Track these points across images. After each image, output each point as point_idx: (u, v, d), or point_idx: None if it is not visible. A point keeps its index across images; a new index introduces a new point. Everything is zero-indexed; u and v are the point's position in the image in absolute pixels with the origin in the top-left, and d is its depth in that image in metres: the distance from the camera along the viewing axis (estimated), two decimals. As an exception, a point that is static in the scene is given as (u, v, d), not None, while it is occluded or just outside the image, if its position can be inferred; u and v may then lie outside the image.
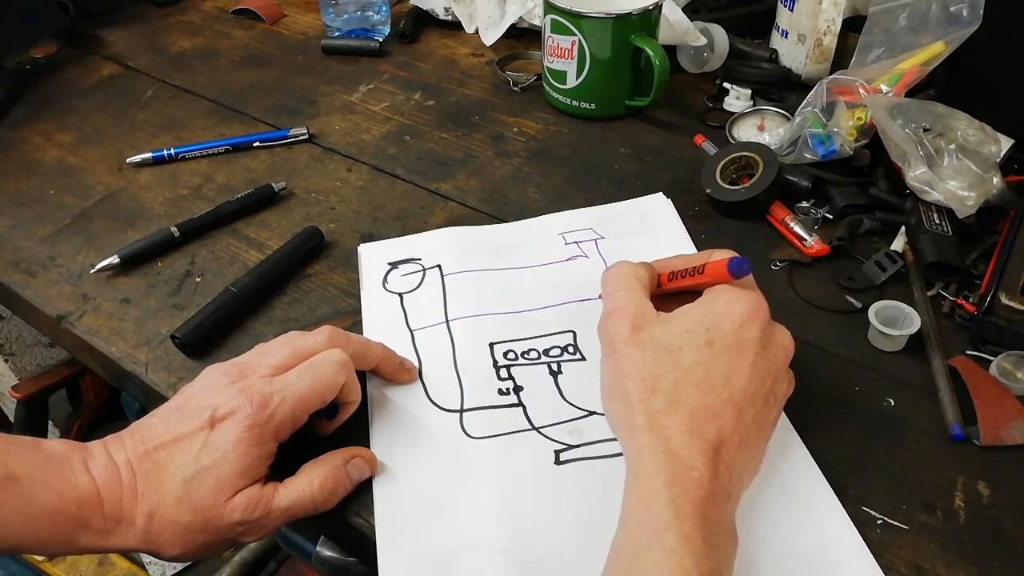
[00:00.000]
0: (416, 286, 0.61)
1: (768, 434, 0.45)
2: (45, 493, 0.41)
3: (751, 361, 0.43)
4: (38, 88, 0.89)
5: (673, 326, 0.44)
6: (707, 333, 0.44)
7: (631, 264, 0.49)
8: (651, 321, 0.45)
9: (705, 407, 0.41)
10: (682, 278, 0.48)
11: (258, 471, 0.44)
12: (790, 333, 0.46)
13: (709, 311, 0.45)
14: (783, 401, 0.47)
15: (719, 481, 0.40)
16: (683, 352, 0.43)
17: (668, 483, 0.39)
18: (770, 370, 0.44)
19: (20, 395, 1.20)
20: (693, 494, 0.39)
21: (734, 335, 0.43)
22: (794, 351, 0.46)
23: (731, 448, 0.41)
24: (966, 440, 0.49)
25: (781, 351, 0.45)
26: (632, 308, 0.46)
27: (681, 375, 0.42)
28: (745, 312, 0.44)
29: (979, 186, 0.61)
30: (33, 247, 0.68)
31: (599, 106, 0.79)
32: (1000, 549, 0.44)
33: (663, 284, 0.50)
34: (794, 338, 0.56)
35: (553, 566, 0.43)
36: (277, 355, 0.47)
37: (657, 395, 0.42)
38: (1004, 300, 0.55)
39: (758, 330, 0.44)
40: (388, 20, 0.95)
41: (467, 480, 0.47)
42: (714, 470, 0.40)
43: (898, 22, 0.69)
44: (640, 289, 0.47)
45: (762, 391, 0.43)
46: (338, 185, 0.73)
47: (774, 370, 0.44)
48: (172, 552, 0.43)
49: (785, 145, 0.69)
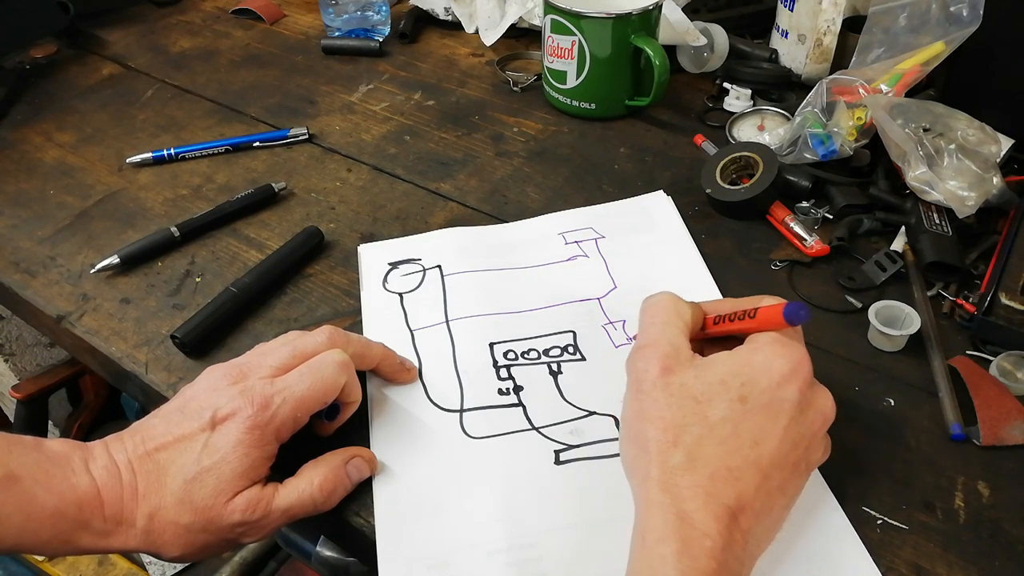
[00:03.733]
0: (416, 286, 0.61)
1: (793, 502, 0.41)
2: (46, 493, 0.41)
3: (785, 425, 0.39)
4: (38, 88, 0.89)
5: (706, 374, 0.41)
6: (741, 388, 0.40)
7: (674, 297, 0.45)
8: (684, 364, 0.41)
9: (728, 468, 0.38)
10: (730, 322, 0.44)
11: (259, 472, 0.44)
12: (832, 397, 0.42)
13: (746, 363, 0.41)
14: (814, 468, 0.43)
15: (733, 550, 0.37)
16: (712, 405, 0.39)
17: (678, 552, 0.36)
18: (804, 436, 0.40)
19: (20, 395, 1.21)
20: (704, 565, 0.36)
21: (770, 394, 0.40)
22: (834, 416, 0.42)
23: (750, 515, 0.38)
24: (966, 440, 0.49)
25: (819, 416, 0.41)
26: (666, 346, 0.42)
27: (706, 430, 0.39)
28: (785, 370, 0.40)
29: (979, 186, 0.61)
30: (33, 247, 0.68)
31: (599, 106, 0.79)
32: (1000, 549, 0.44)
33: (708, 327, 0.45)
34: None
35: (553, 566, 0.43)
36: (277, 356, 0.47)
37: (677, 448, 0.39)
38: (1004, 300, 0.55)
39: (797, 391, 0.40)
40: (388, 20, 0.95)
41: (467, 480, 0.47)
42: (729, 538, 0.37)
43: (898, 22, 0.69)
44: (680, 326, 0.43)
45: (792, 458, 0.40)
46: (338, 185, 0.73)
47: (809, 436, 0.41)
48: (173, 553, 0.43)
49: (785, 145, 0.69)
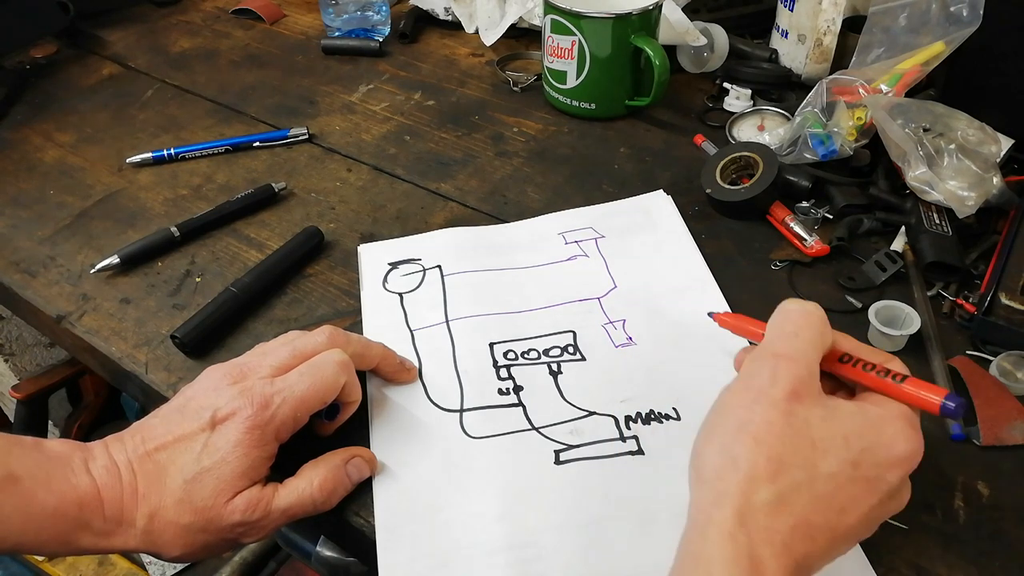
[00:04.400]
0: (416, 286, 0.61)
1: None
2: (46, 494, 0.41)
3: (874, 504, 0.38)
4: (38, 88, 0.89)
5: (833, 423, 0.38)
6: (861, 453, 0.38)
7: (824, 316, 0.41)
8: (814, 398, 0.38)
9: (810, 525, 0.36)
10: (863, 371, 0.41)
11: (259, 472, 0.44)
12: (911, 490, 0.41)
13: (876, 430, 0.38)
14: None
15: None
16: (827, 457, 0.37)
17: None
18: (878, 519, 0.39)
19: (20, 395, 1.20)
20: None
21: (879, 470, 0.38)
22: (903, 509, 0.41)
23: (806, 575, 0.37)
24: (966, 440, 0.49)
25: (896, 506, 0.40)
26: (804, 369, 0.39)
27: (809, 479, 0.37)
28: (905, 454, 0.38)
29: (979, 186, 0.61)
30: (33, 247, 0.68)
31: (599, 106, 0.79)
32: (1000, 549, 0.44)
33: (835, 365, 0.42)
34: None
35: (553, 566, 0.43)
36: (277, 355, 0.47)
37: (773, 484, 0.36)
38: (1004, 300, 0.55)
39: (899, 479, 0.38)
40: (388, 20, 0.95)
41: (467, 480, 0.47)
42: None
43: (898, 22, 0.69)
44: (821, 350, 0.41)
45: (858, 533, 0.39)
46: (338, 185, 0.73)
47: (880, 519, 0.40)
48: (173, 553, 0.43)
49: (785, 145, 0.69)
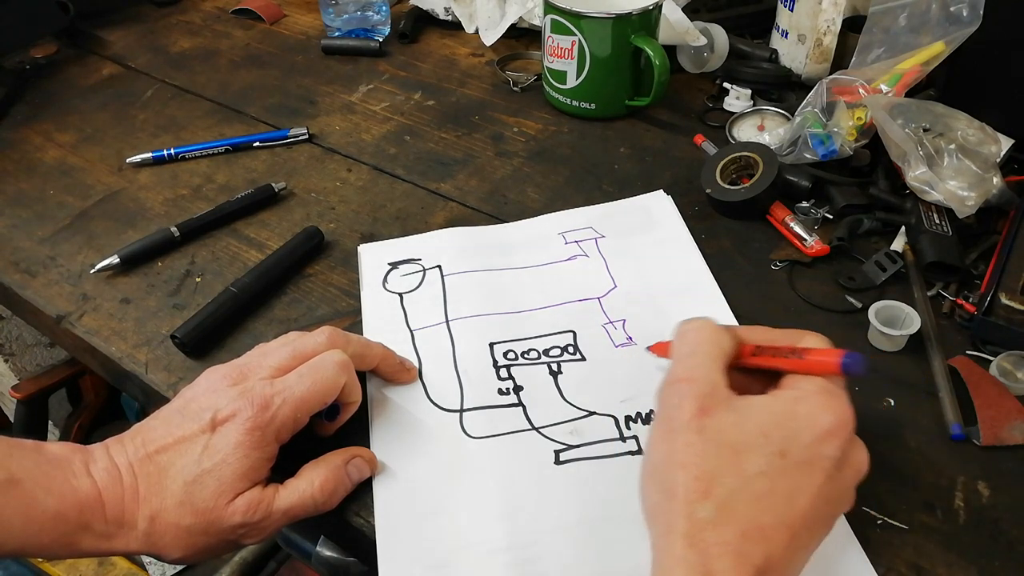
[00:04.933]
0: (416, 286, 0.61)
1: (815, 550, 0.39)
2: (46, 496, 0.41)
3: (820, 483, 0.37)
4: (38, 88, 0.89)
5: (746, 421, 0.38)
6: (783, 441, 0.37)
7: (715, 326, 0.42)
8: (722, 405, 0.38)
9: (759, 527, 0.36)
10: (772, 357, 0.42)
11: (259, 473, 0.44)
12: (867, 452, 0.40)
13: (790, 415, 0.38)
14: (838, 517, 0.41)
15: None
16: (750, 456, 0.37)
17: None
18: (838, 494, 0.39)
19: (20, 395, 1.21)
20: None
21: (811, 450, 0.37)
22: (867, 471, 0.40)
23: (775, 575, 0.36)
24: (966, 440, 0.49)
25: (854, 472, 0.39)
26: (704, 383, 0.39)
27: (742, 483, 0.36)
28: (830, 426, 0.38)
29: (979, 186, 0.61)
30: (33, 247, 0.68)
31: (599, 106, 0.79)
32: (1000, 549, 0.44)
33: (744, 357, 0.43)
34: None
35: (553, 566, 0.43)
36: (277, 356, 0.47)
37: (708, 500, 0.36)
38: (1004, 300, 0.55)
39: (838, 449, 0.38)
40: (388, 20, 0.95)
41: (467, 480, 0.47)
42: None
43: (898, 22, 0.69)
44: (720, 359, 0.40)
45: (822, 515, 0.38)
46: (338, 185, 0.73)
47: (841, 494, 0.39)
48: (174, 555, 0.43)
49: (785, 145, 0.69)
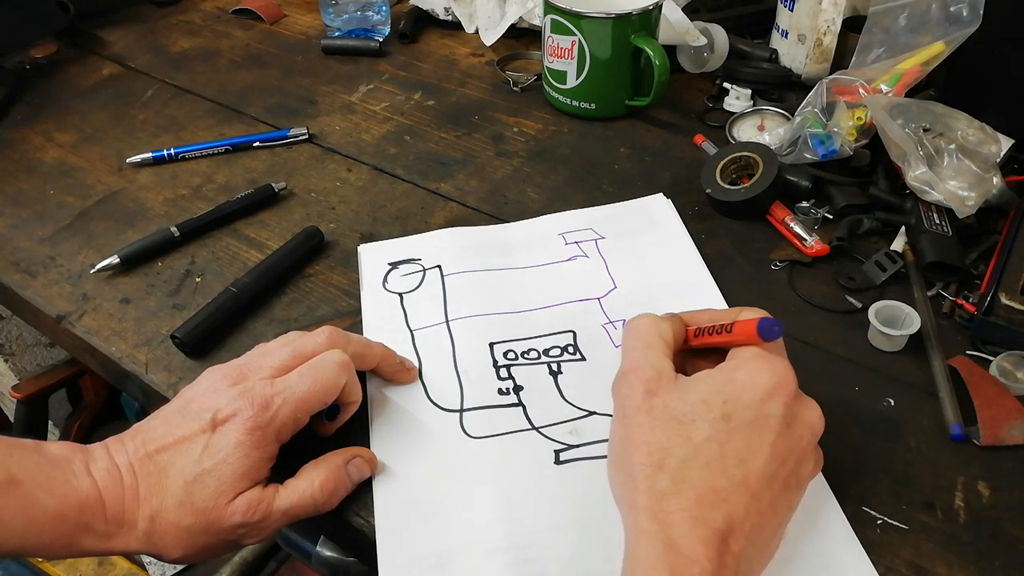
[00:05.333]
0: (416, 286, 0.61)
1: (787, 519, 0.41)
2: (47, 496, 0.41)
3: (771, 441, 0.38)
4: (38, 88, 0.89)
5: (688, 394, 0.40)
6: (724, 406, 0.39)
7: (654, 318, 0.45)
8: (667, 386, 0.41)
9: (714, 490, 0.37)
10: (708, 335, 0.44)
11: (259, 473, 0.44)
12: (819, 408, 0.41)
13: (729, 380, 0.40)
14: (807, 483, 0.42)
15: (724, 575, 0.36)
16: (695, 425, 0.39)
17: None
18: (792, 451, 0.39)
19: (20, 395, 1.21)
20: None
21: (754, 410, 0.39)
22: (823, 428, 0.41)
23: (740, 537, 0.37)
24: (966, 440, 0.49)
25: (807, 430, 0.40)
26: (649, 369, 0.41)
27: (691, 451, 0.38)
28: (769, 385, 0.39)
29: (979, 186, 0.61)
30: (33, 247, 0.68)
31: (599, 106, 0.79)
32: (1000, 549, 0.44)
33: (690, 340, 0.45)
34: (795, 338, 0.56)
35: (553, 566, 0.43)
36: (277, 356, 0.47)
37: (663, 472, 0.38)
38: (1004, 300, 0.55)
39: (782, 406, 0.39)
40: (388, 20, 0.95)
41: (467, 480, 0.47)
42: (719, 563, 0.36)
43: (898, 22, 0.69)
44: (661, 347, 0.43)
45: (782, 474, 0.39)
46: (338, 185, 0.73)
47: (797, 451, 0.40)
48: (174, 554, 0.43)
49: (785, 145, 0.69)
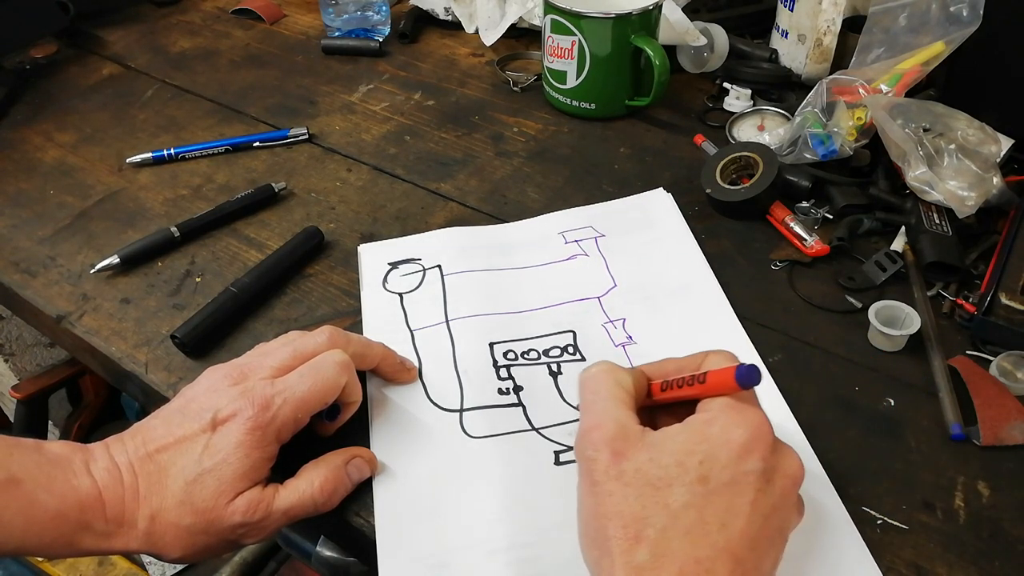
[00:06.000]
0: (416, 286, 0.61)
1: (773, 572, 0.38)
2: (47, 496, 0.41)
3: (752, 500, 0.36)
4: (38, 88, 0.89)
5: (661, 455, 0.37)
6: (700, 467, 0.37)
7: (610, 367, 0.42)
8: (635, 445, 0.38)
9: (697, 560, 0.35)
10: (678, 387, 0.41)
11: (259, 473, 0.44)
12: (798, 456, 0.39)
13: (702, 437, 0.38)
14: (789, 534, 0.40)
15: None
16: (672, 490, 0.36)
17: None
18: (775, 507, 0.37)
19: (20, 395, 1.21)
20: None
21: (732, 469, 0.37)
22: (804, 475, 0.39)
23: None
24: (966, 440, 0.49)
25: (788, 481, 0.38)
26: (612, 426, 0.38)
27: (669, 520, 0.36)
28: (745, 439, 0.37)
29: (979, 186, 0.61)
30: (33, 247, 0.68)
31: (599, 106, 0.79)
32: (1000, 549, 0.44)
33: (655, 394, 0.42)
34: (794, 338, 0.56)
35: (553, 566, 0.43)
36: (278, 356, 0.47)
37: (641, 545, 0.35)
38: (1004, 300, 0.55)
39: (760, 461, 0.37)
40: (388, 20, 0.95)
41: (467, 480, 0.47)
42: None
43: (898, 22, 0.69)
44: (623, 398, 0.40)
45: (766, 533, 0.37)
46: (338, 185, 0.73)
47: (780, 506, 0.38)
48: (174, 554, 0.43)
49: (785, 145, 0.69)
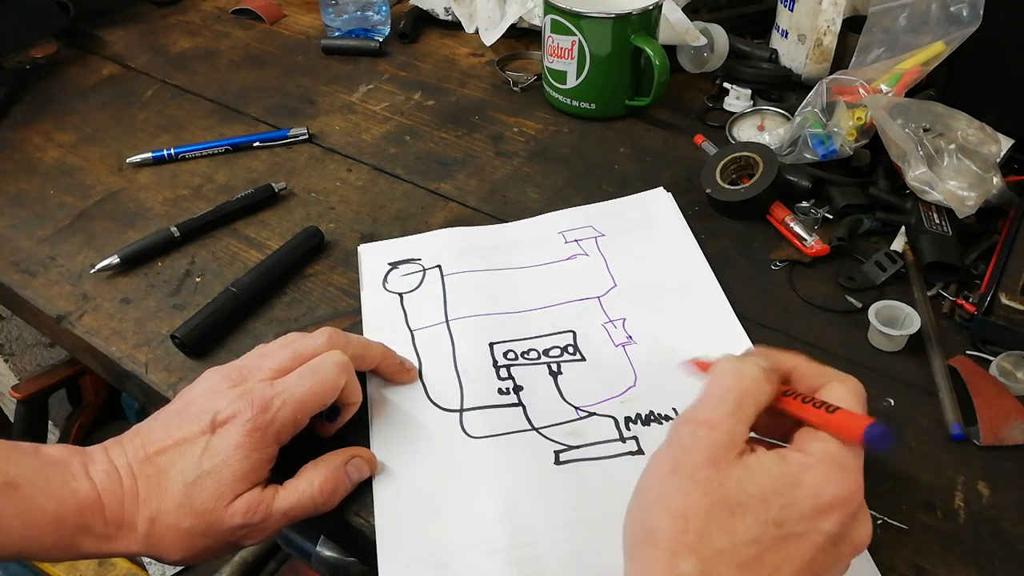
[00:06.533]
0: (416, 286, 0.61)
1: None
2: (46, 499, 0.41)
3: (811, 557, 0.35)
4: (38, 88, 0.89)
5: (750, 484, 0.36)
6: (781, 511, 0.35)
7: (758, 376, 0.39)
8: (733, 462, 0.37)
9: None
10: (800, 403, 0.39)
11: (259, 475, 0.44)
12: (871, 527, 0.38)
13: (795, 483, 0.36)
14: None
15: None
16: (745, 520, 0.35)
17: None
18: (827, 567, 0.36)
19: (20, 395, 1.21)
20: None
21: (808, 523, 0.35)
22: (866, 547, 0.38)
23: None
24: (966, 440, 0.49)
25: (851, 548, 0.37)
26: (725, 435, 0.37)
27: (730, 546, 0.35)
28: (834, 500, 0.35)
29: (979, 186, 0.61)
30: (33, 247, 0.68)
31: (599, 106, 0.79)
32: (1000, 549, 0.44)
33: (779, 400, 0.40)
34: (795, 338, 0.56)
35: (553, 566, 0.43)
36: (277, 357, 0.47)
37: (691, 555, 0.35)
38: (1004, 300, 0.55)
39: (837, 524, 0.35)
40: (388, 20, 0.95)
41: (467, 480, 0.47)
42: None
43: (898, 22, 0.69)
44: (749, 414, 0.38)
45: None
46: (338, 185, 0.73)
47: (831, 566, 0.36)
48: (174, 556, 0.43)
49: (785, 145, 0.69)
